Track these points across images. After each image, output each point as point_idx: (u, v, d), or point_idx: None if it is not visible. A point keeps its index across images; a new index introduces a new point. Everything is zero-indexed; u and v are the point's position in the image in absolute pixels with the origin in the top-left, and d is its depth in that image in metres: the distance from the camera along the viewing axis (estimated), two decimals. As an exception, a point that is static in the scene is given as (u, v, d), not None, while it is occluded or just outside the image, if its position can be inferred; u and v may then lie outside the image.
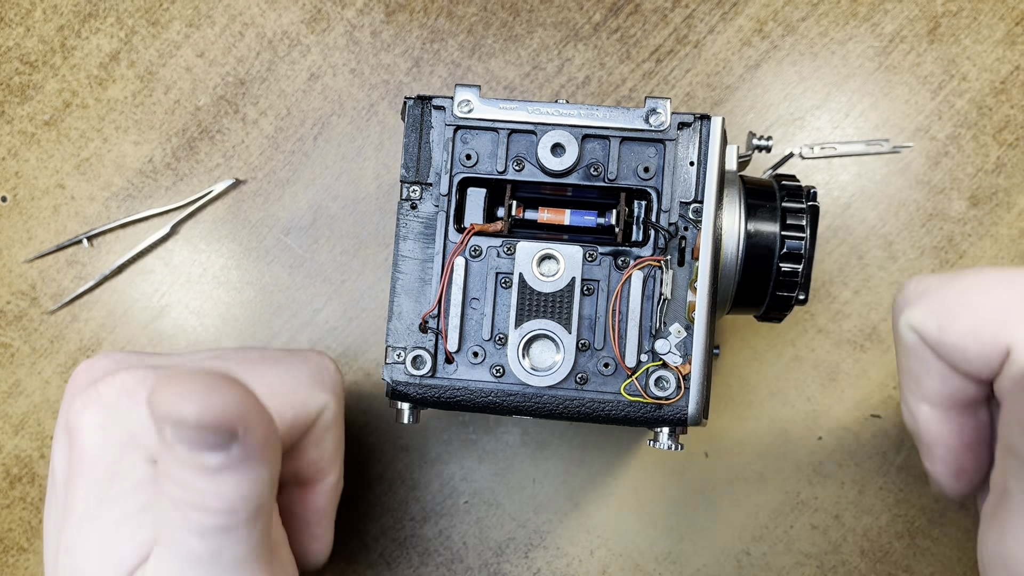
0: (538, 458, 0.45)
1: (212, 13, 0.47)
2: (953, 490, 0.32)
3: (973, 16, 0.46)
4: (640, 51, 0.46)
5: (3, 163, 0.47)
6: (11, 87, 0.47)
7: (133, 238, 0.47)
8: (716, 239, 0.34)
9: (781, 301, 0.37)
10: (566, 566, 0.45)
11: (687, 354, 0.33)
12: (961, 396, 0.31)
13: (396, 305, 0.34)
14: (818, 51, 0.46)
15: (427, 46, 0.47)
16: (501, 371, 0.34)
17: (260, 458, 0.25)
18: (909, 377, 0.32)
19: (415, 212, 0.34)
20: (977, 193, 0.45)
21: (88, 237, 0.47)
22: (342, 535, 0.45)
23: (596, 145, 0.34)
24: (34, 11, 0.47)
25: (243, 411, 0.23)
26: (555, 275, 0.34)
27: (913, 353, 0.31)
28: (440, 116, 0.34)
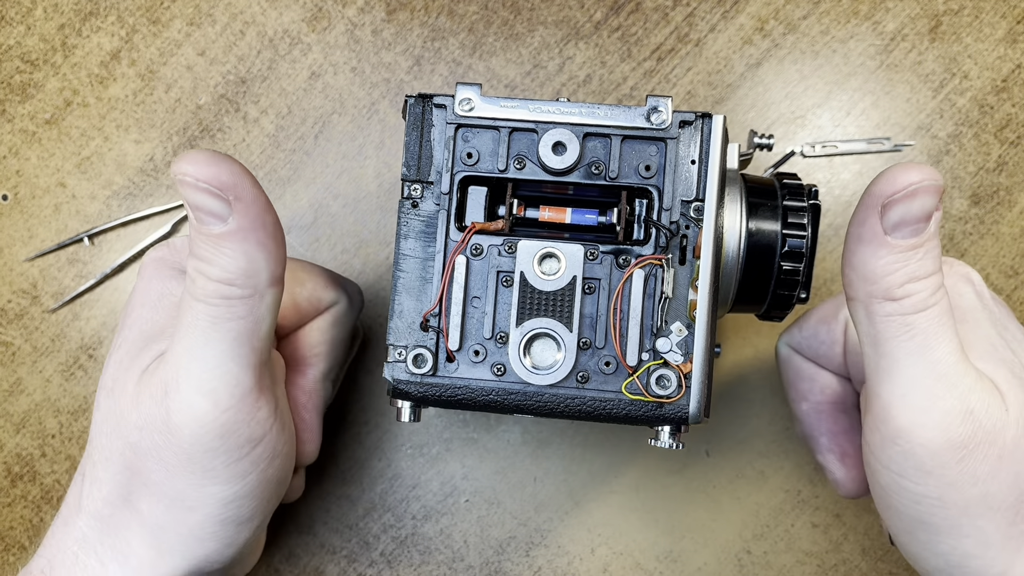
0: (539, 456, 0.45)
1: (213, 12, 0.47)
2: (844, 477, 0.38)
3: (974, 14, 0.46)
4: (641, 49, 0.46)
5: (4, 162, 0.47)
6: (12, 85, 0.47)
7: (134, 237, 0.47)
8: (717, 237, 0.34)
9: (782, 300, 0.36)
10: (567, 564, 0.45)
11: (688, 353, 0.33)
12: (830, 391, 0.39)
13: (397, 304, 0.34)
14: (819, 49, 0.46)
15: (428, 44, 0.47)
16: (502, 370, 0.34)
17: (256, 240, 0.30)
18: (789, 386, 0.40)
19: (416, 211, 0.34)
20: (978, 191, 0.45)
21: (89, 236, 0.47)
22: (343, 534, 0.45)
23: (597, 143, 0.34)
24: (35, 9, 0.47)
25: (235, 180, 0.29)
26: (556, 274, 0.34)
27: (787, 363, 0.40)
28: (441, 115, 0.34)
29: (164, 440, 0.32)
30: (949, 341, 0.30)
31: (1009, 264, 0.45)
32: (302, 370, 0.39)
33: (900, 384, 0.30)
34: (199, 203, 0.30)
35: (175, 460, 0.32)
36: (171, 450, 0.32)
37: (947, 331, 0.30)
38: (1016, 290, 0.45)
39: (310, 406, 0.39)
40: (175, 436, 0.32)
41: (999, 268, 0.45)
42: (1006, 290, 0.45)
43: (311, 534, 0.45)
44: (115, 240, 0.47)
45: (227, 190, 0.29)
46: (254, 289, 0.31)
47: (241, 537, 0.34)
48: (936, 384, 0.30)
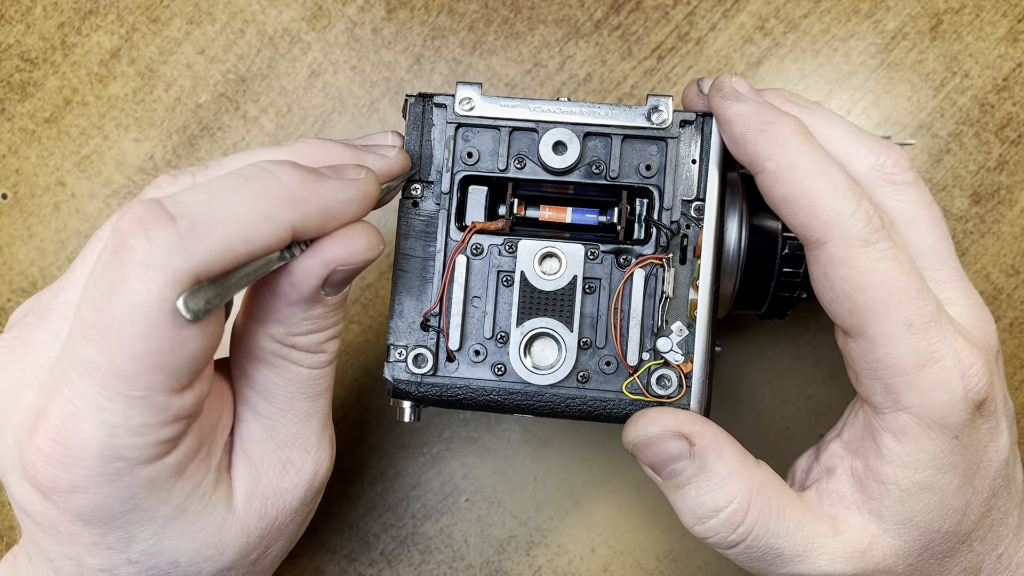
0: (539, 456, 0.45)
1: (213, 10, 0.47)
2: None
3: (975, 13, 0.46)
4: (642, 48, 0.46)
5: (3, 160, 0.47)
6: (11, 84, 0.47)
7: (134, 236, 0.47)
8: (718, 237, 0.34)
9: (783, 301, 0.36)
10: (567, 564, 0.45)
11: (689, 352, 0.33)
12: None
13: (397, 303, 0.34)
14: (820, 48, 0.46)
15: (428, 43, 0.47)
16: (503, 369, 0.34)
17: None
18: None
19: (416, 210, 0.34)
20: (979, 190, 0.45)
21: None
22: (343, 533, 0.45)
23: (598, 143, 0.34)
24: (35, 8, 0.47)
25: None
26: (557, 273, 0.34)
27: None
28: (441, 114, 0.34)
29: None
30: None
31: (1010, 263, 0.45)
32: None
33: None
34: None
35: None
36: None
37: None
38: (1017, 289, 0.45)
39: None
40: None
41: (1000, 267, 0.45)
42: (1007, 289, 0.45)
43: (311, 534, 0.45)
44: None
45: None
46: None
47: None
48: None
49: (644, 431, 0.32)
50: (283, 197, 0.27)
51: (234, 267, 0.26)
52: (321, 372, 0.31)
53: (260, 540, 0.31)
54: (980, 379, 0.30)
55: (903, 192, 0.32)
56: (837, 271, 0.30)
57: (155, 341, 0.25)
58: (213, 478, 0.30)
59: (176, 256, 0.25)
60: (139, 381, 0.25)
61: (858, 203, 0.30)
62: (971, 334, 0.31)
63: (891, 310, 0.29)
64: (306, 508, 0.33)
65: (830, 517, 0.32)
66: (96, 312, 0.25)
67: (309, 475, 0.32)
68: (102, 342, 0.25)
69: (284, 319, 0.29)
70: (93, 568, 0.29)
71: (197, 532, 0.29)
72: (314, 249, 0.28)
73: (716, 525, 0.31)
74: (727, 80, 0.32)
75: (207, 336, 0.26)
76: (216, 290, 0.25)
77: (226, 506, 0.30)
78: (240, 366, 0.31)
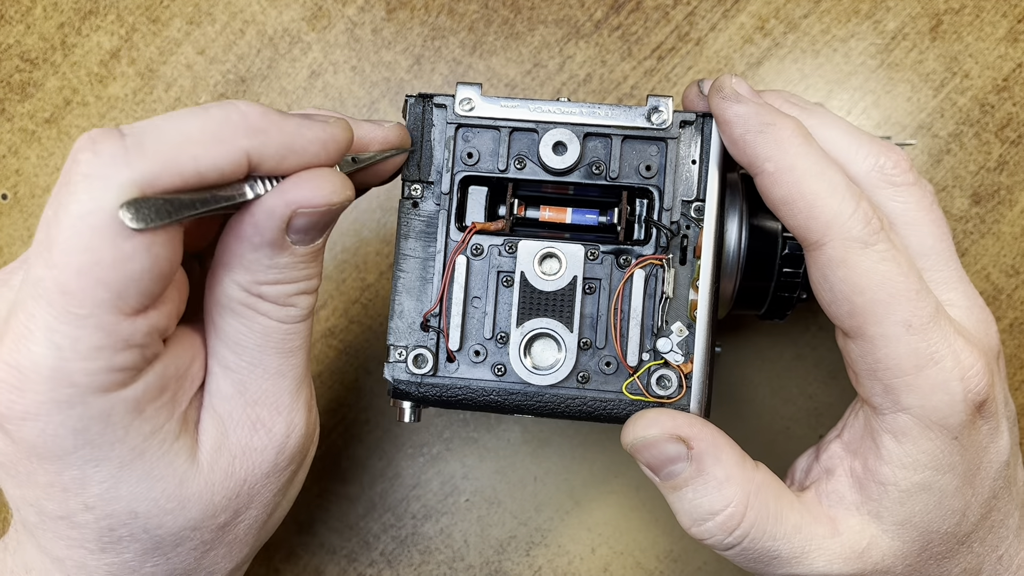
0: (539, 456, 0.45)
1: (213, 10, 0.47)
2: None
3: (975, 13, 0.46)
4: (642, 48, 0.46)
5: (3, 161, 0.47)
6: (11, 84, 0.47)
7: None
8: (718, 237, 0.34)
9: (783, 301, 0.36)
10: (567, 564, 0.45)
11: (689, 353, 0.33)
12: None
13: (397, 304, 0.34)
14: (820, 48, 0.46)
15: (428, 43, 0.47)
16: (503, 370, 0.34)
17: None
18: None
19: (416, 210, 0.34)
20: (979, 191, 0.45)
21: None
22: (343, 533, 0.45)
23: (598, 143, 0.34)
24: (34, 8, 0.47)
25: None
26: (557, 274, 0.34)
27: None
28: (441, 114, 0.34)
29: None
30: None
31: (1010, 263, 0.45)
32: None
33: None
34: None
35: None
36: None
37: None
38: (1016, 289, 0.45)
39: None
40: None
41: (1000, 267, 0.45)
42: (1007, 289, 0.45)
43: (311, 534, 0.45)
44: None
45: None
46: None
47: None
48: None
49: (642, 433, 0.32)
50: (239, 124, 0.27)
51: (183, 187, 0.26)
52: (292, 328, 0.30)
53: (228, 502, 0.30)
54: (980, 380, 0.30)
55: (903, 193, 0.32)
56: (836, 272, 0.30)
57: (97, 253, 0.25)
58: (176, 426, 0.29)
59: (120, 166, 0.25)
60: (84, 297, 0.25)
61: (857, 204, 0.30)
62: (971, 335, 0.31)
63: (890, 311, 0.29)
64: (280, 476, 0.32)
65: (829, 518, 0.32)
66: (46, 229, 0.25)
67: (280, 436, 0.31)
68: (49, 258, 0.25)
69: (249, 265, 0.29)
70: (52, 515, 0.28)
71: (156, 480, 0.28)
72: (276, 189, 0.28)
73: (712, 527, 0.31)
74: (727, 81, 0.32)
75: (154, 256, 0.26)
76: (162, 205, 0.25)
77: (189, 458, 0.29)
78: (210, 317, 0.30)
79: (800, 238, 0.31)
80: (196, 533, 0.30)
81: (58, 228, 0.25)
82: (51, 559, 0.30)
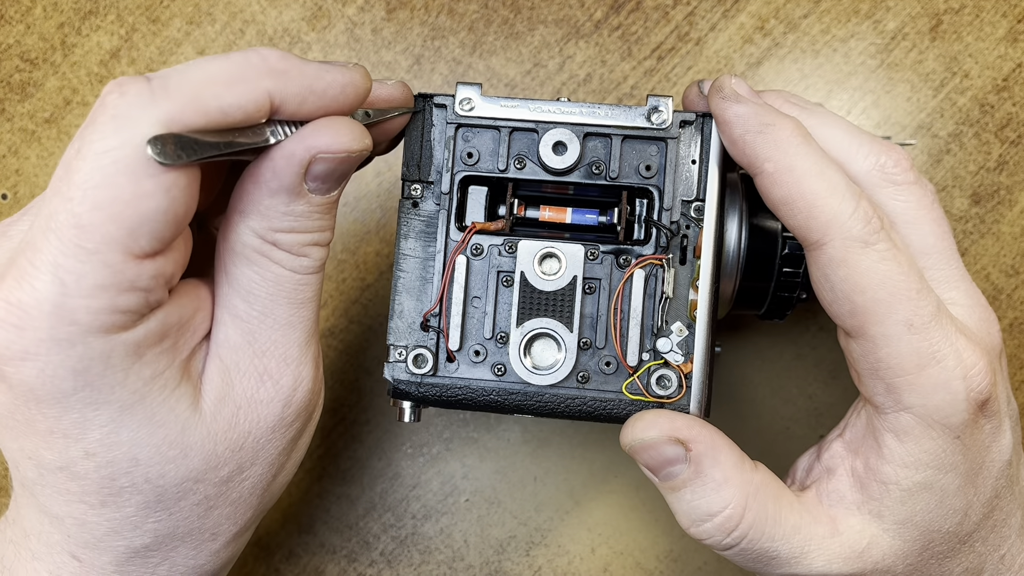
0: (539, 456, 0.45)
1: (213, 10, 0.47)
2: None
3: (975, 13, 0.46)
4: (642, 48, 0.46)
5: (3, 161, 0.47)
6: (11, 84, 0.47)
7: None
8: (718, 237, 0.34)
9: (783, 301, 0.36)
10: (567, 564, 0.45)
11: (689, 352, 0.33)
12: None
13: (397, 304, 0.34)
14: (820, 48, 0.46)
15: (428, 43, 0.47)
16: (503, 370, 0.34)
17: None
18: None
19: (416, 210, 0.34)
20: (979, 191, 0.45)
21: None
22: (343, 533, 0.45)
23: (598, 143, 0.34)
24: (34, 8, 0.47)
25: None
26: (556, 274, 0.34)
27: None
28: (441, 114, 0.34)
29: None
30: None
31: (1010, 263, 0.45)
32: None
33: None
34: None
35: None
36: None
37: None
38: (1016, 289, 0.45)
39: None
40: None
41: (1000, 267, 0.45)
42: (1007, 289, 0.45)
43: (311, 534, 0.45)
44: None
45: None
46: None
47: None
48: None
49: (641, 435, 0.32)
50: (260, 65, 0.27)
51: (207, 126, 0.26)
52: (305, 278, 0.30)
53: (231, 454, 0.30)
54: (982, 379, 0.30)
55: (904, 192, 0.32)
56: (836, 272, 0.30)
57: (116, 188, 0.25)
58: (176, 373, 0.29)
59: (146, 106, 0.25)
60: (95, 232, 0.25)
61: (857, 204, 0.30)
62: (973, 334, 0.31)
63: (891, 311, 0.29)
64: (285, 432, 0.32)
65: (829, 518, 0.32)
66: (66, 166, 0.26)
67: (288, 389, 0.31)
68: (65, 191, 0.25)
69: (265, 211, 0.29)
70: (52, 466, 0.28)
71: (157, 426, 0.28)
72: (296, 134, 0.28)
73: (710, 528, 0.31)
74: (727, 81, 0.32)
75: (172, 198, 0.26)
76: (187, 142, 0.25)
77: (191, 406, 0.29)
78: (223, 265, 0.30)
79: (800, 238, 0.31)
80: (199, 486, 0.30)
81: (80, 162, 0.25)
82: (50, 519, 0.29)
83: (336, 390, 0.46)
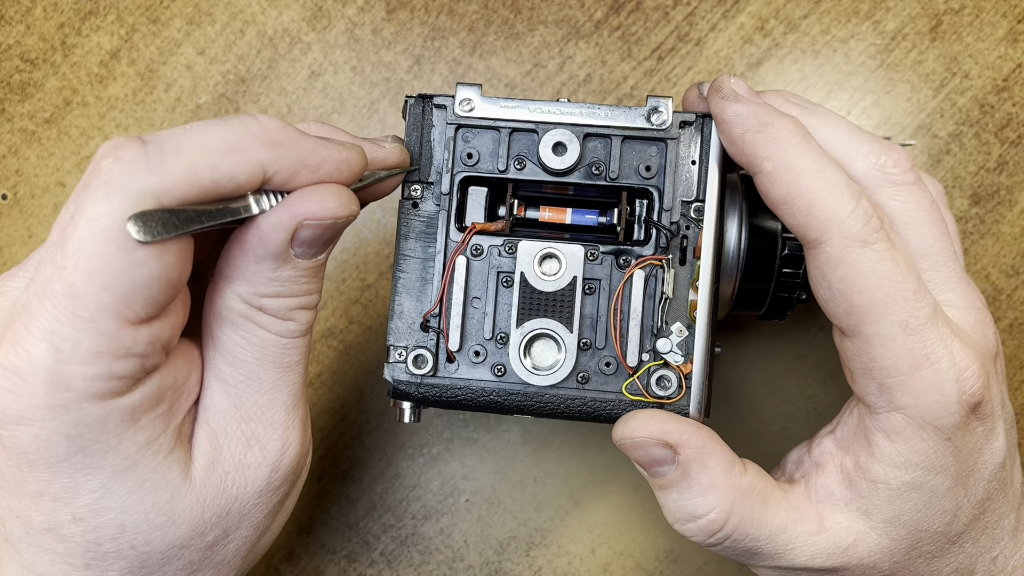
0: (539, 456, 0.45)
1: (213, 11, 0.47)
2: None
3: (975, 14, 0.46)
4: (642, 49, 0.46)
5: (3, 161, 0.47)
6: (11, 85, 0.47)
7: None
8: (718, 238, 0.34)
9: (783, 302, 0.36)
10: (567, 564, 0.45)
11: (688, 353, 0.33)
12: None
13: (397, 304, 0.34)
14: (820, 49, 0.46)
15: (428, 44, 0.47)
16: (502, 370, 0.34)
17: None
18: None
19: (416, 211, 0.34)
20: (979, 191, 0.45)
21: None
22: (343, 534, 0.45)
23: (598, 144, 0.34)
24: (34, 8, 0.47)
25: None
26: (556, 274, 0.34)
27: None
28: (441, 115, 0.34)
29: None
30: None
31: (1010, 263, 0.45)
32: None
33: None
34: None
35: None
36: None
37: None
38: (1016, 290, 0.45)
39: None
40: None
41: (999, 268, 0.45)
42: (1007, 290, 0.45)
43: (311, 534, 0.45)
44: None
45: None
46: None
47: None
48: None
49: (631, 434, 0.32)
50: (258, 135, 0.27)
51: (199, 198, 0.26)
52: (291, 342, 0.30)
53: (218, 520, 0.30)
54: (975, 381, 0.30)
55: (903, 192, 0.32)
56: (835, 271, 0.30)
57: (107, 257, 0.25)
58: (171, 439, 0.29)
59: (140, 174, 0.25)
60: (90, 301, 0.25)
61: (856, 203, 0.30)
62: (968, 336, 0.31)
63: (887, 311, 0.29)
64: (272, 496, 0.32)
65: (816, 514, 0.32)
66: (61, 231, 0.26)
67: (275, 454, 0.31)
68: (60, 259, 0.25)
69: (251, 276, 0.29)
70: (39, 527, 0.28)
71: (147, 493, 0.28)
72: (283, 201, 0.28)
73: (694, 529, 0.32)
74: (726, 81, 0.32)
75: (164, 264, 0.26)
76: (168, 218, 0.25)
77: (182, 472, 0.29)
78: (209, 329, 0.30)
79: (799, 237, 0.31)
80: (184, 552, 0.30)
81: (73, 230, 0.25)
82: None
83: (336, 390, 0.46)
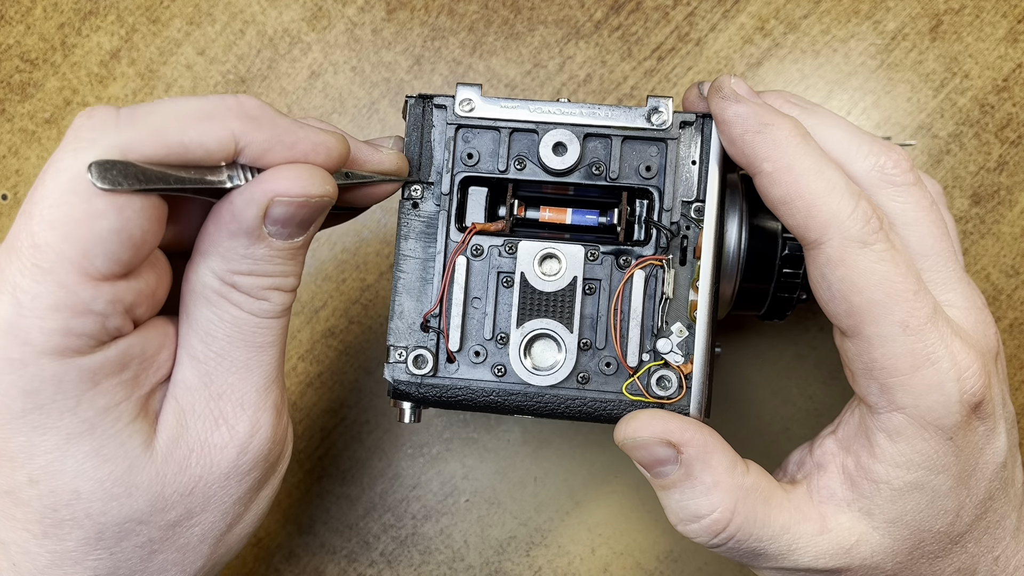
0: (539, 456, 0.45)
1: (213, 11, 0.47)
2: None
3: (975, 14, 0.46)
4: (642, 49, 0.46)
5: (4, 161, 0.47)
6: (12, 85, 0.47)
7: (134, 236, 0.47)
8: (718, 238, 0.34)
9: (783, 302, 0.37)
10: (567, 564, 0.45)
11: (689, 353, 0.33)
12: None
13: (397, 304, 0.34)
14: (820, 49, 0.46)
15: (428, 44, 0.47)
16: (503, 370, 0.34)
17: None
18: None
19: (416, 211, 0.34)
20: (979, 191, 0.45)
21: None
22: (343, 534, 0.45)
23: (598, 144, 0.34)
24: (35, 9, 0.47)
25: None
26: (557, 274, 0.34)
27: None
28: (441, 115, 0.34)
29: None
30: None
31: (1010, 264, 0.45)
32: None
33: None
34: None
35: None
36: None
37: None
38: (1016, 290, 0.45)
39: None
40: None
41: (1000, 268, 0.45)
42: (1007, 290, 0.45)
43: (311, 534, 0.45)
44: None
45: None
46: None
47: None
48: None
49: (633, 434, 0.32)
50: (233, 107, 0.27)
51: (167, 158, 0.26)
52: (264, 322, 0.30)
53: (180, 498, 0.29)
54: (976, 381, 0.30)
55: (903, 193, 0.32)
56: (834, 271, 0.30)
57: (68, 208, 0.25)
58: (132, 407, 0.28)
59: (107, 131, 0.26)
60: (51, 251, 0.25)
61: (856, 203, 0.30)
62: (969, 336, 0.31)
63: (887, 311, 0.29)
64: (241, 480, 0.31)
65: (819, 515, 0.32)
66: (32, 189, 0.26)
67: (244, 435, 0.30)
68: (27, 210, 0.26)
69: (225, 252, 0.29)
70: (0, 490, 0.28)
71: (104, 460, 0.28)
72: (257, 177, 0.28)
73: (697, 529, 0.32)
74: (726, 81, 0.32)
75: (124, 219, 0.26)
76: (131, 170, 0.25)
77: (143, 444, 0.28)
78: (184, 306, 0.30)
79: (799, 237, 0.31)
80: (142, 528, 0.29)
81: (40, 182, 0.26)
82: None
83: (336, 390, 0.46)
